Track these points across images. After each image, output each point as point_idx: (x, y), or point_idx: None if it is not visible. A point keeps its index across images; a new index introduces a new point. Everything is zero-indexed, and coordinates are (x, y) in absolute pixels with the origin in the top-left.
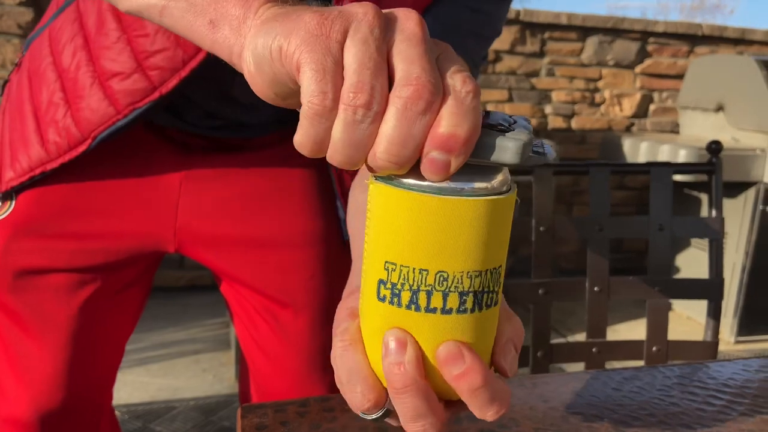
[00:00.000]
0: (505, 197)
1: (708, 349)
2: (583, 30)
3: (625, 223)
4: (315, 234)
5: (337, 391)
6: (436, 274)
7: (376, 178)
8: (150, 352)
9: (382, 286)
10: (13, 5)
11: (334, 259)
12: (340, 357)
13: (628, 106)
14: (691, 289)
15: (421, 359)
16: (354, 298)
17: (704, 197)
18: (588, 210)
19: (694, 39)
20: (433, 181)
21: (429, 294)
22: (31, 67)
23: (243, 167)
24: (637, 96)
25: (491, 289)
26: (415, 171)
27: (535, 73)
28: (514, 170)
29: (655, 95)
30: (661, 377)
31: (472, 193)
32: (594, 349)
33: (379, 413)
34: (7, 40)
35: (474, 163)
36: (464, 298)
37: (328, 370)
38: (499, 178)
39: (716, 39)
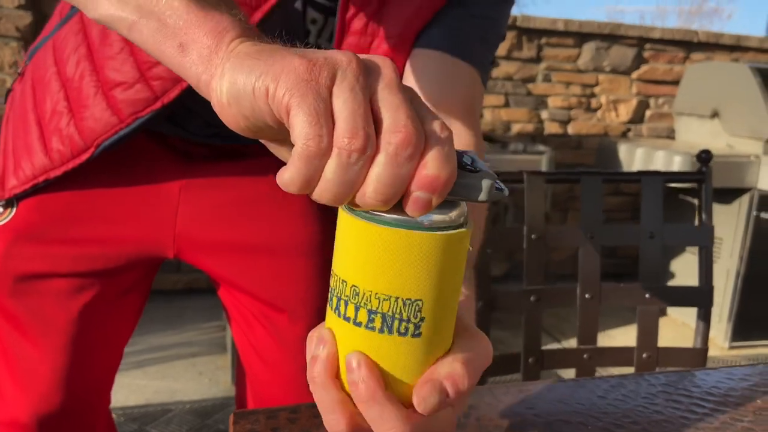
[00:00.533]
0: (461, 232)
1: (697, 355)
2: (579, 36)
3: (617, 231)
4: (312, 242)
5: None
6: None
7: (346, 208)
8: (147, 355)
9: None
10: (12, 8)
11: (331, 264)
12: (319, 387)
13: (625, 111)
14: (681, 297)
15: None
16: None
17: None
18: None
19: (690, 45)
20: (414, 217)
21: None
22: (35, 77)
23: (241, 175)
24: (634, 102)
25: (405, 318)
26: (396, 207)
27: (531, 79)
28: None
29: (651, 101)
30: (646, 385)
31: (434, 226)
32: (585, 356)
33: None
34: (5, 43)
35: (449, 199)
36: (372, 316)
37: None
38: (459, 210)
39: (712, 46)
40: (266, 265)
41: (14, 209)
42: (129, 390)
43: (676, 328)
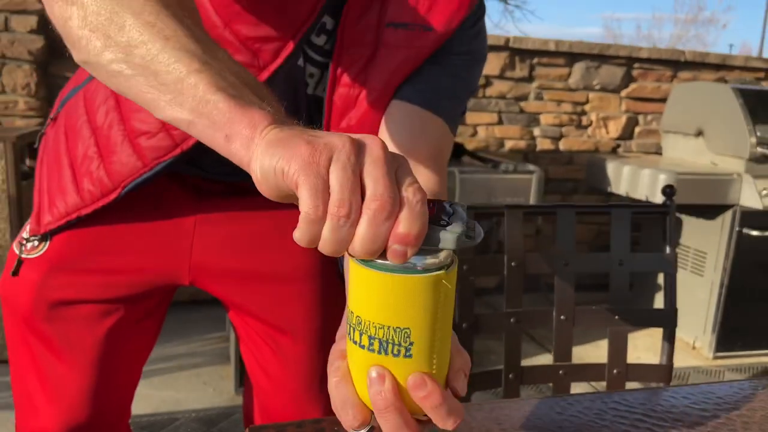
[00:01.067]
0: (445, 273)
1: (663, 371)
2: (570, 56)
3: (589, 259)
4: (313, 269)
5: (330, 409)
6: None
7: (355, 258)
8: (153, 366)
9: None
10: (25, 33)
11: (330, 291)
12: (335, 389)
13: (614, 128)
14: (648, 318)
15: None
16: (343, 342)
17: (678, 218)
18: (580, 233)
19: (677, 64)
20: (396, 263)
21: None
22: (68, 124)
23: (249, 210)
24: (623, 119)
25: (396, 342)
26: (382, 255)
27: (524, 97)
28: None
29: (640, 118)
30: (599, 402)
31: (422, 269)
32: (561, 372)
33: (365, 429)
34: (18, 66)
35: (424, 248)
36: (372, 340)
37: (322, 391)
38: (444, 254)
39: (698, 64)
40: (271, 291)
41: (48, 243)
42: (136, 399)
43: None
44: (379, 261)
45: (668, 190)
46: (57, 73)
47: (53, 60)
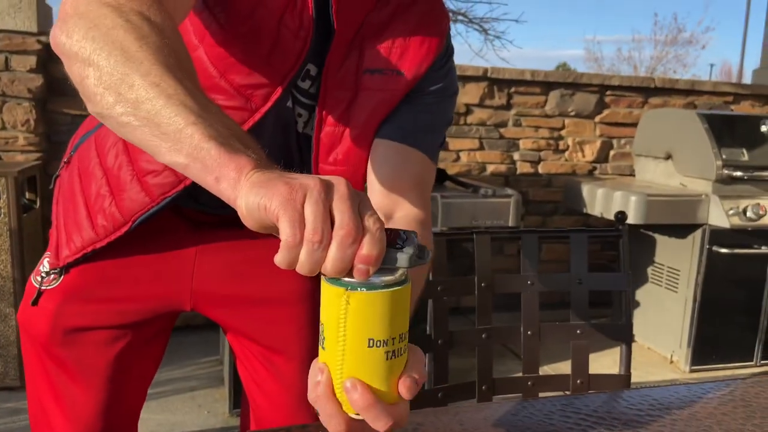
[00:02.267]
0: (399, 288)
1: (622, 381)
2: (546, 84)
3: (551, 279)
4: (304, 293)
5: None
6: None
7: (325, 278)
8: (148, 390)
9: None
10: (24, 71)
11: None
12: (321, 401)
13: (590, 152)
14: (606, 333)
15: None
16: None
17: (650, 238)
18: (554, 254)
19: (647, 91)
20: (360, 280)
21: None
22: (81, 166)
23: (243, 239)
24: (598, 143)
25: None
26: (349, 273)
27: (503, 124)
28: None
29: (614, 142)
30: (549, 405)
31: (380, 285)
32: (529, 383)
33: None
34: (18, 104)
35: (383, 267)
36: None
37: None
38: (399, 273)
39: (668, 90)
40: (266, 314)
41: (62, 275)
42: None
43: (643, 352)
44: (346, 279)
45: (620, 216)
46: (55, 109)
47: (51, 97)
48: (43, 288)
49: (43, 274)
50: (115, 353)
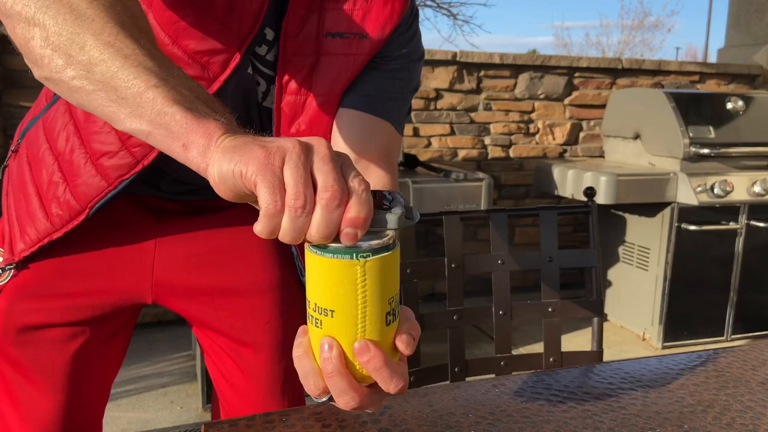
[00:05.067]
0: (390, 253)
1: (594, 357)
2: (515, 68)
3: (521, 257)
4: (272, 282)
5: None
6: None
7: (310, 247)
8: (120, 388)
9: (316, 314)
10: None
11: (289, 303)
12: (298, 362)
13: (560, 134)
14: (578, 309)
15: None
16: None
17: (621, 218)
18: (526, 237)
19: (615, 72)
20: (347, 245)
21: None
22: (29, 153)
23: (207, 228)
24: (568, 125)
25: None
26: (335, 239)
27: (473, 108)
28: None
29: (584, 124)
30: (520, 383)
31: (369, 250)
32: (502, 363)
33: (326, 398)
34: None
35: (372, 230)
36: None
37: (283, 396)
38: (387, 236)
39: (635, 71)
40: (232, 305)
41: (12, 271)
42: (104, 423)
43: (616, 331)
44: (332, 246)
45: (589, 192)
46: (11, 102)
47: (6, 89)
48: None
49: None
50: (73, 351)
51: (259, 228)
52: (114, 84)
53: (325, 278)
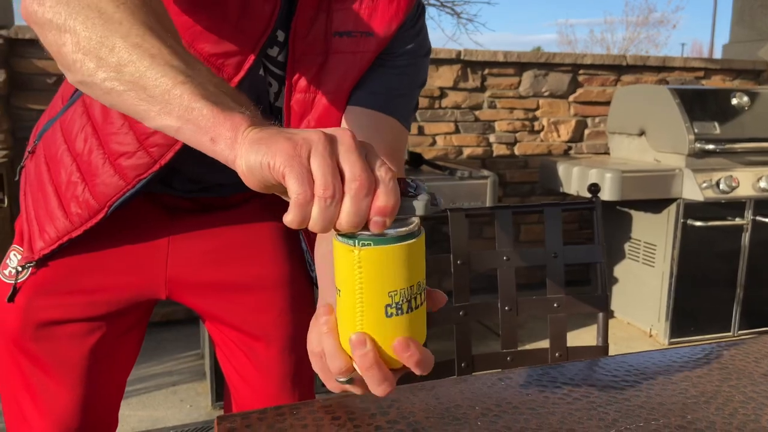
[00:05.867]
0: (416, 240)
1: (599, 352)
2: (519, 65)
3: (526, 254)
4: (283, 277)
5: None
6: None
7: (338, 236)
8: (129, 387)
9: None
10: None
11: (299, 297)
12: (325, 339)
13: (565, 131)
14: (583, 304)
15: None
16: (330, 300)
17: (626, 214)
18: (531, 234)
19: (619, 69)
20: (376, 233)
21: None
22: (47, 154)
23: (219, 225)
24: (572, 122)
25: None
26: (364, 228)
27: (478, 106)
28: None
29: (589, 121)
30: (525, 376)
31: (397, 237)
32: (508, 358)
33: (348, 377)
34: None
35: (400, 217)
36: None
37: (294, 390)
38: (413, 223)
39: (640, 68)
40: (244, 300)
41: (31, 268)
42: None
43: (623, 327)
44: (361, 234)
45: (593, 188)
46: (19, 104)
47: (15, 92)
48: (18, 283)
49: (16, 269)
50: (90, 346)
51: (290, 218)
52: (143, 83)
53: (337, 262)
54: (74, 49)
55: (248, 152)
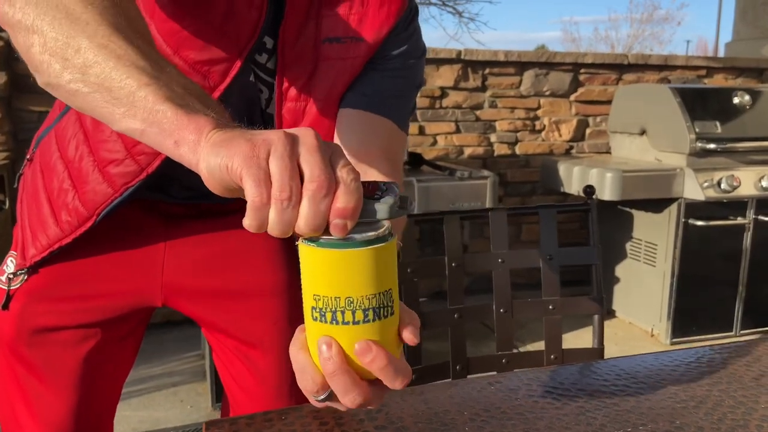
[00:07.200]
0: (384, 245)
1: (595, 354)
2: (519, 65)
3: (522, 255)
4: (279, 284)
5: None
6: (345, 299)
7: (303, 240)
8: (130, 388)
9: (313, 311)
10: None
11: (297, 304)
12: (295, 358)
13: (566, 131)
14: (578, 306)
15: (343, 354)
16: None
17: (627, 214)
18: (533, 234)
19: (621, 68)
20: (338, 237)
21: (343, 312)
22: (42, 161)
23: (215, 232)
24: (574, 122)
25: (386, 304)
26: (326, 232)
27: (479, 106)
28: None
29: (590, 120)
30: (516, 380)
31: (362, 241)
32: (504, 360)
33: (325, 395)
34: None
35: (363, 221)
36: (366, 312)
37: (291, 398)
38: (382, 227)
39: (642, 66)
40: (240, 307)
41: (26, 275)
42: (115, 421)
43: (624, 327)
44: (324, 238)
45: (588, 190)
46: (20, 107)
47: (16, 94)
48: (12, 289)
49: (10, 275)
50: (84, 353)
51: (247, 222)
52: (108, 85)
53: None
54: (41, 50)
55: (209, 155)
